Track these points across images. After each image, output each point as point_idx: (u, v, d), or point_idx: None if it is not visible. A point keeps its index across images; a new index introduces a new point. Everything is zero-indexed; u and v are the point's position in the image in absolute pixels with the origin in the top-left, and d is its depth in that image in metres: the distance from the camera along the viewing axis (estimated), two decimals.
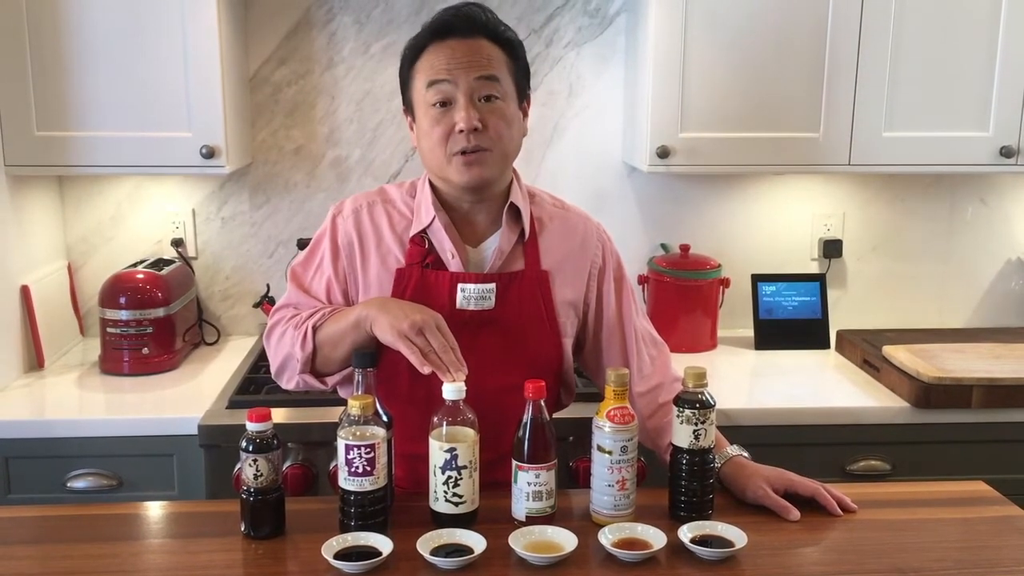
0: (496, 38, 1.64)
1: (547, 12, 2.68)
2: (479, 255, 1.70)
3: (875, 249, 2.87)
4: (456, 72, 1.59)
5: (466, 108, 1.59)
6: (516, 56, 1.67)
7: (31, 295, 2.43)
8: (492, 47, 1.63)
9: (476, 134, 1.59)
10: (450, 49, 1.61)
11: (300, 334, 1.63)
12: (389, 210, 1.72)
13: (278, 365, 1.70)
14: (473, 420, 1.49)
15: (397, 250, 1.69)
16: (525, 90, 1.70)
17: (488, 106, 1.61)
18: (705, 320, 2.67)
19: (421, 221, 1.68)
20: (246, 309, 2.76)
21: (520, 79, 1.67)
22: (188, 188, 2.71)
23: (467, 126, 1.58)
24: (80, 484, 2.14)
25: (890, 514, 1.60)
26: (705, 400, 1.53)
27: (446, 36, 1.62)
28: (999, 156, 2.47)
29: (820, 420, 2.23)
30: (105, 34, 2.28)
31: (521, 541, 1.43)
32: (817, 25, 2.39)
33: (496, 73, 1.61)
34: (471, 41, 1.61)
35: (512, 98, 1.65)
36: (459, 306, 1.65)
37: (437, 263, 1.67)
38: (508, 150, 1.65)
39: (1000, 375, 2.25)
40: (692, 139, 2.43)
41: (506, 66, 1.64)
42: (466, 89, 1.59)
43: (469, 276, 1.66)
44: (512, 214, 1.70)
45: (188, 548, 1.49)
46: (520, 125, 1.68)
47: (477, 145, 1.60)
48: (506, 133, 1.63)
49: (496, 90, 1.61)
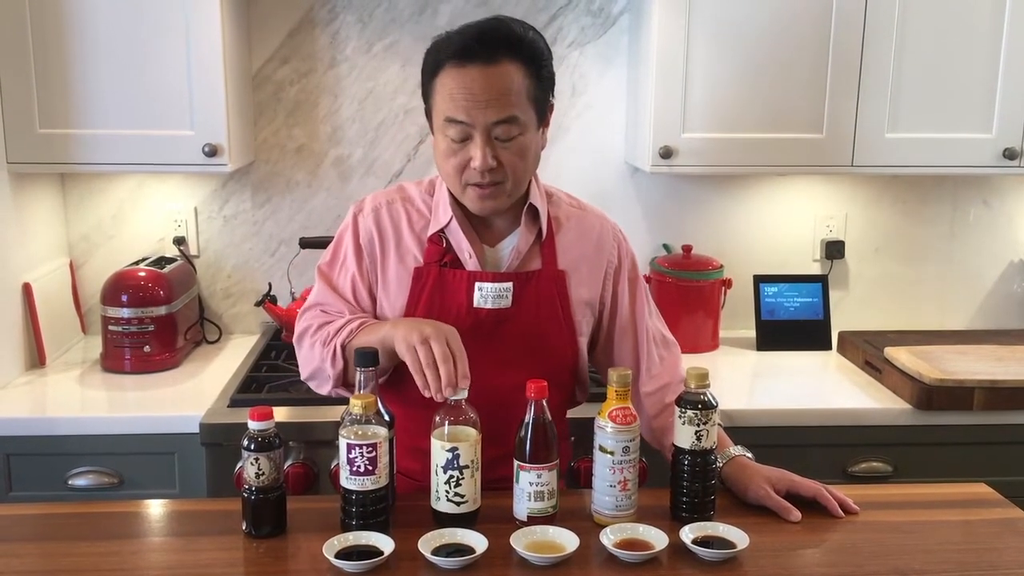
0: (520, 54, 1.60)
1: (550, 12, 2.68)
2: (496, 254, 1.71)
3: (877, 250, 2.86)
4: (474, 113, 1.57)
5: (482, 148, 1.58)
6: (540, 73, 1.63)
7: (33, 293, 2.43)
8: (514, 70, 1.58)
9: (491, 172, 1.60)
10: (470, 80, 1.56)
11: (329, 352, 1.63)
12: (408, 208, 1.73)
13: (308, 374, 1.71)
14: (475, 420, 1.49)
15: (416, 249, 1.70)
16: (546, 104, 1.67)
17: (505, 143, 1.60)
18: (707, 321, 2.67)
19: (439, 220, 1.69)
20: (248, 307, 2.76)
21: (541, 97, 1.64)
22: (190, 186, 2.71)
23: (482, 167, 1.58)
24: (81, 482, 2.14)
25: (891, 516, 1.60)
26: (707, 401, 1.53)
27: (466, 61, 1.57)
28: (1002, 158, 2.46)
29: (822, 421, 2.23)
30: (108, 32, 2.28)
31: (522, 541, 1.43)
32: (820, 26, 2.39)
33: (515, 112, 1.58)
34: (492, 69, 1.57)
35: (531, 125, 1.63)
36: (476, 305, 1.66)
37: (455, 262, 1.68)
38: (523, 179, 1.65)
39: (1002, 377, 2.24)
40: (695, 139, 2.43)
41: (527, 92, 1.60)
42: (483, 129, 1.58)
43: (486, 275, 1.67)
44: (531, 214, 1.71)
45: (189, 547, 1.49)
46: (538, 146, 1.67)
47: (492, 180, 1.61)
48: (520, 166, 1.62)
49: (513, 129, 1.59)
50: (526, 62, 1.61)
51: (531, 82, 1.61)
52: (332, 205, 2.73)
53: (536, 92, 1.62)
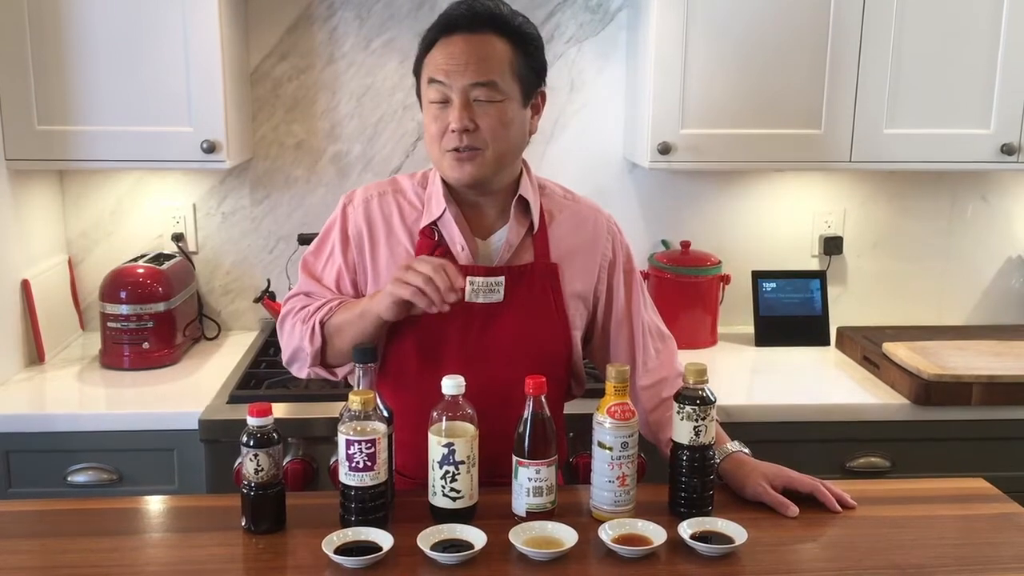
0: (505, 31, 1.62)
1: (548, 8, 2.68)
2: (488, 248, 1.71)
3: (875, 246, 2.87)
4: (453, 75, 1.59)
5: (459, 108, 1.59)
6: (527, 51, 1.64)
7: (31, 289, 2.43)
8: (499, 42, 1.61)
9: (468, 134, 1.60)
10: (452, 46, 1.60)
11: (308, 328, 1.65)
12: (400, 200, 1.73)
13: (288, 356, 1.73)
14: (472, 415, 1.49)
15: (407, 241, 1.70)
16: (534, 87, 1.67)
17: (484, 106, 1.60)
18: (705, 317, 2.67)
19: (432, 213, 1.69)
20: (246, 304, 2.76)
21: (528, 76, 1.65)
22: (189, 183, 2.71)
23: (458, 126, 1.59)
24: (80, 478, 2.14)
25: (889, 511, 1.60)
26: (705, 396, 1.53)
27: (452, 32, 1.61)
28: (1000, 153, 2.46)
29: (820, 417, 2.23)
30: (106, 28, 2.28)
31: (521, 537, 1.43)
32: (819, 21, 2.39)
33: (494, 77, 1.60)
34: (476, 37, 1.60)
35: (514, 98, 1.63)
36: (468, 299, 1.65)
37: (446, 255, 1.67)
38: (504, 150, 1.64)
39: (1000, 372, 2.25)
40: (693, 135, 2.43)
41: (510, 64, 1.61)
42: (460, 91, 1.59)
43: (478, 269, 1.67)
44: (521, 207, 1.71)
45: (188, 543, 1.49)
46: (523, 124, 1.67)
47: (469, 144, 1.61)
48: (502, 133, 1.62)
49: (493, 94, 1.60)
50: (511, 38, 1.63)
51: (516, 58, 1.63)
52: (331, 201, 2.71)
53: (521, 69, 1.63)
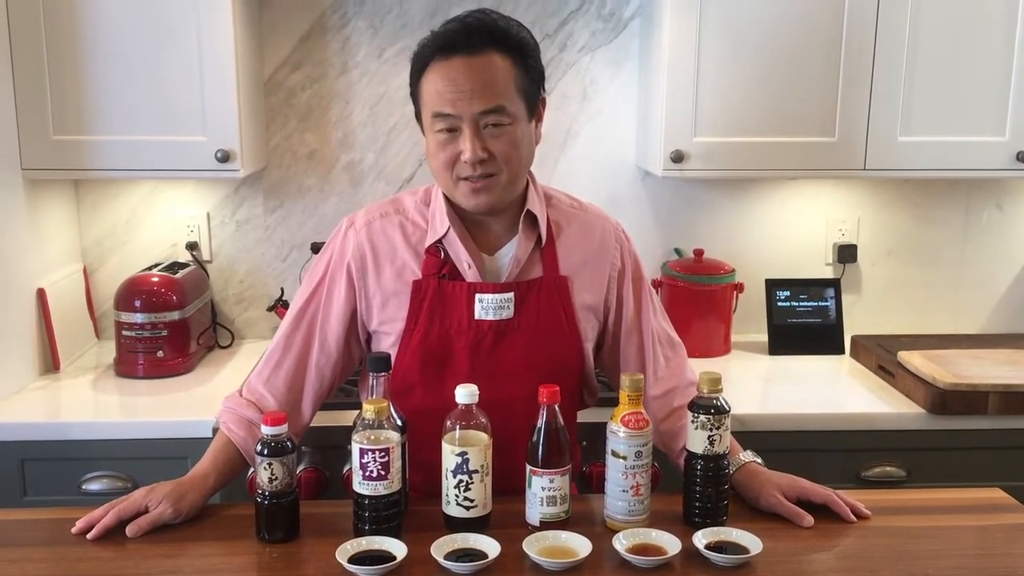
0: (503, 45, 1.59)
1: (561, 16, 2.68)
2: (496, 263, 1.69)
3: (890, 254, 2.85)
4: (460, 105, 1.56)
5: (471, 140, 1.56)
6: (527, 64, 1.62)
7: (47, 298, 2.44)
8: (499, 59, 1.58)
9: (482, 163, 1.58)
10: (454, 72, 1.56)
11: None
12: (403, 222, 1.70)
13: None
14: (486, 424, 1.49)
15: (413, 262, 1.68)
16: (537, 97, 1.65)
17: (495, 132, 1.58)
18: (719, 325, 2.67)
19: (436, 231, 1.66)
20: (260, 312, 2.77)
21: (531, 89, 1.62)
22: (203, 192, 2.72)
23: (473, 158, 1.57)
24: (95, 486, 2.14)
25: (905, 521, 1.59)
26: (720, 405, 1.53)
27: (450, 53, 1.57)
28: (1015, 161, 2.45)
29: (835, 426, 2.22)
30: (121, 38, 2.29)
31: (535, 546, 1.43)
32: (832, 29, 2.38)
33: (502, 102, 1.57)
34: (476, 59, 1.56)
35: (522, 116, 1.61)
36: (477, 316, 1.64)
37: (453, 273, 1.66)
38: (517, 171, 1.62)
39: (1016, 381, 2.23)
40: (706, 143, 2.43)
41: (514, 82, 1.59)
42: (470, 120, 1.56)
43: (487, 286, 1.65)
44: (528, 221, 1.69)
45: (202, 551, 1.49)
46: (531, 139, 1.65)
47: (484, 173, 1.59)
48: (514, 155, 1.60)
49: (502, 118, 1.58)
50: (511, 52, 1.59)
51: (518, 73, 1.60)
52: (344, 210, 2.73)
53: (524, 83, 1.61)
